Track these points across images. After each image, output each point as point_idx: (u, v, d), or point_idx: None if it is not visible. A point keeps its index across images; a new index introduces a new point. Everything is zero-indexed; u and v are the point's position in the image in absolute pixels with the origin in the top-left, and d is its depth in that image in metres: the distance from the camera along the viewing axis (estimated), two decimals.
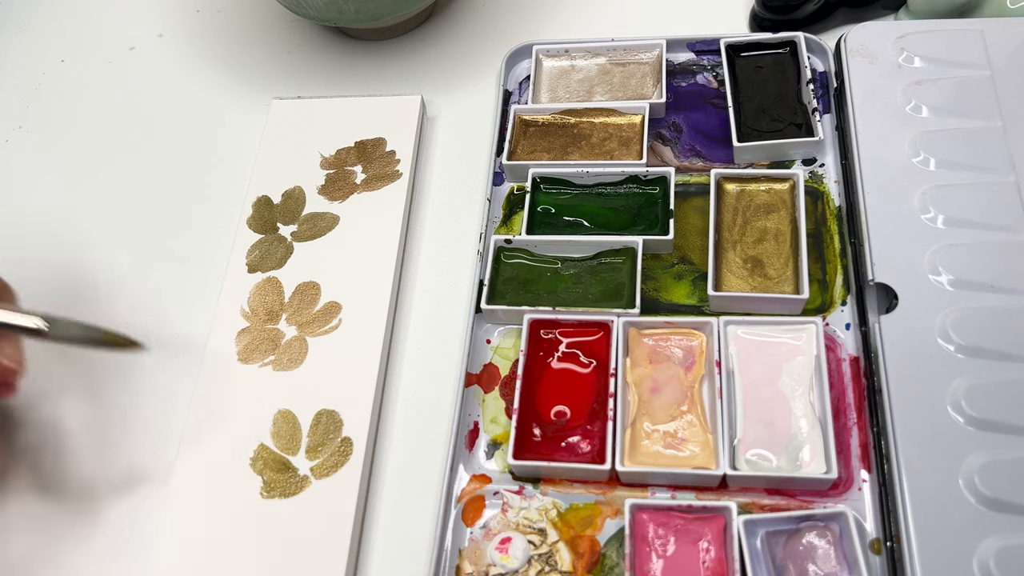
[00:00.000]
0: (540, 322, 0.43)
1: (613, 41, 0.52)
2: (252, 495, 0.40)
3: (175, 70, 0.59)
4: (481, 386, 0.43)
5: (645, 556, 0.37)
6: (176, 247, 0.51)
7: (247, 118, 0.56)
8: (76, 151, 0.56)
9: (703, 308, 0.43)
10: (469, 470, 0.41)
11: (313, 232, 0.48)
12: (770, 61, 0.50)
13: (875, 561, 0.36)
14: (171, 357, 0.47)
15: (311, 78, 0.57)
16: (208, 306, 0.47)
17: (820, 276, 0.43)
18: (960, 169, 0.42)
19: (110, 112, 0.58)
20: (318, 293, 0.46)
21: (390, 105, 0.53)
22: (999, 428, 0.36)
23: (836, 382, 0.40)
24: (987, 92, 0.44)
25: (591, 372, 0.42)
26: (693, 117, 0.50)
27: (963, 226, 0.41)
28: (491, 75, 0.55)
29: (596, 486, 0.39)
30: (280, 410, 0.43)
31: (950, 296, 0.39)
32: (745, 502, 0.38)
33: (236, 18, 0.61)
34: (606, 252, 0.45)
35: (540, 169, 0.48)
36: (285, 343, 0.45)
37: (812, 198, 0.46)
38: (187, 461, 0.42)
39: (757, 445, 0.39)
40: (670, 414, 0.40)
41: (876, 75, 0.46)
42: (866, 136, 0.44)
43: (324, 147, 0.52)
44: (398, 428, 0.43)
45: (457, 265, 0.48)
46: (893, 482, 0.36)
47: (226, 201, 0.52)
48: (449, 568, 0.38)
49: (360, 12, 0.51)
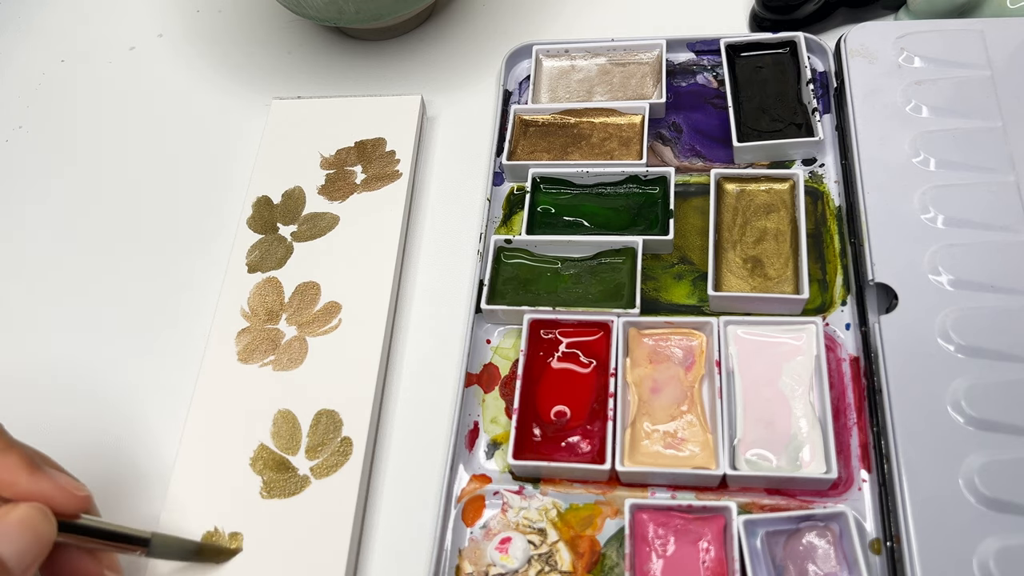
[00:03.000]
0: (540, 322, 0.43)
1: (613, 41, 0.52)
2: (252, 495, 0.40)
3: (175, 70, 0.59)
4: (481, 386, 0.43)
5: (645, 556, 0.37)
6: (176, 247, 0.51)
7: (247, 118, 0.56)
8: (76, 151, 0.56)
9: (703, 308, 0.43)
10: (469, 470, 0.41)
11: (313, 232, 0.48)
12: (770, 61, 0.50)
13: (875, 561, 0.36)
14: (171, 357, 0.47)
15: (311, 78, 0.57)
16: (208, 306, 0.47)
17: (820, 276, 0.43)
18: (960, 169, 0.42)
19: (110, 112, 0.58)
20: (318, 293, 0.46)
21: (390, 105, 0.53)
22: (999, 428, 0.36)
23: (836, 382, 0.40)
24: (987, 92, 0.44)
25: (591, 372, 0.42)
26: (693, 117, 0.50)
27: (963, 226, 0.41)
28: (491, 75, 0.55)
29: (596, 486, 0.39)
30: (280, 410, 0.43)
31: (950, 296, 0.39)
32: (745, 502, 0.38)
33: (236, 18, 0.61)
34: (606, 252, 0.45)
35: (540, 169, 0.48)
36: (285, 343, 0.45)
37: (812, 198, 0.46)
38: (187, 461, 0.42)
39: (757, 445, 0.39)
40: (670, 414, 0.40)
41: (876, 75, 0.46)
42: (866, 136, 0.44)
43: (324, 147, 0.52)
44: (398, 428, 0.43)
45: (457, 265, 0.48)
46: (893, 482, 0.36)
47: (226, 201, 0.52)
48: (449, 568, 0.38)
49: (360, 12, 0.51)
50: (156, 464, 0.43)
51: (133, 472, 0.43)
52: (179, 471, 0.42)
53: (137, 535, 0.35)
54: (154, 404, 0.45)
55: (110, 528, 0.34)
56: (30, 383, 0.47)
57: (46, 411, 0.46)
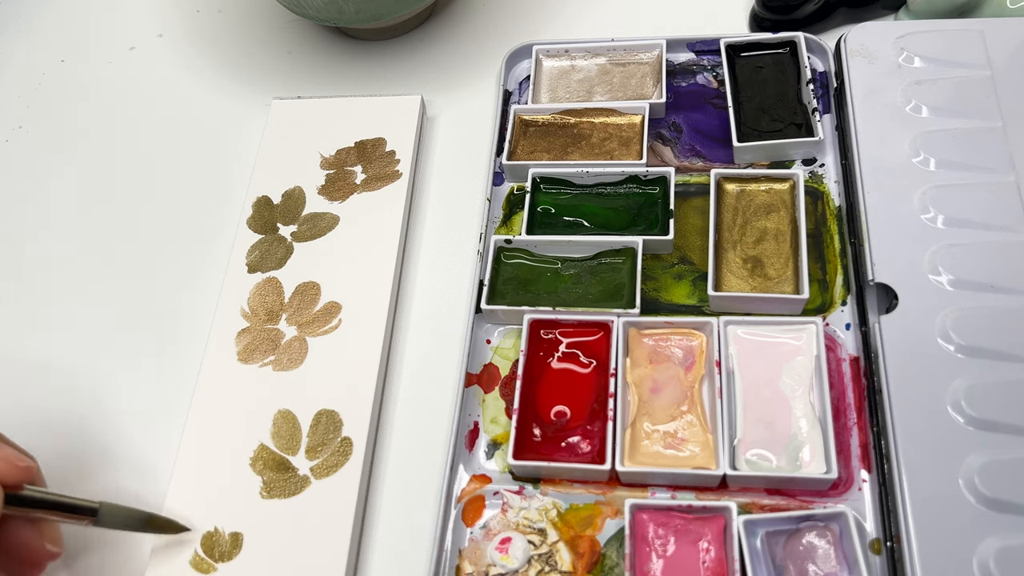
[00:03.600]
0: (540, 322, 0.43)
1: (613, 41, 0.52)
2: (252, 495, 0.40)
3: (175, 70, 0.59)
4: (481, 386, 0.43)
5: (645, 556, 0.37)
6: (176, 247, 0.51)
7: (247, 118, 0.56)
8: (76, 151, 0.56)
9: (703, 308, 0.43)
10: (469, 470, 0.41)
11: (313, 232, 0.48)
12: (770, 61, 0.50)
13: (875, 561, 0.36)
14: (171, 357, 0.47)
15: (311, 78, 0.57)
16: (208, 306, 0.47)
17: (820, 276, 0.43)
18: (960, 169, 0.42)
19: (110, 112, 0.58)
20: (318, 293, 0.46)
21: (390, 105, 0.53)
22: (999, 428, 0.36)
23: (836, 382, 0.40)
24: (987, 92, 0.44)
25: (591, 372, 0.42)
26: (693, 117, 0.50)
27: (963, 226, 0.41)
28: (491, 75, 0.55)
29: (596, 486, 0.39)
30: (280, 410, 0.43)
31: (950, 296, 0.39)
32: (745, 502, 0.38)
33: (236, 18, 0.61)
34: (606, 252, 0.45)
35: (540, 169, 0.48)
36: (285, 343, 0.45)
37: (812, 198, 0.46)
38: (187, 461, 0.42)
39: (757, 445, 0.39)
40: (670, 414, 0.40)
41: (876, 75, 0.46)
42: (866, 136, 0.44)
43: (324, 147, 0.52)
44: (398, 428, 0.43)
45: (457, 265, 0.48)
46: (893, 482, 0.36)
47: (226, 201, 0.52)
48: (449, 568, 0.38)
49: (360, 12, 0.51)
50: (156, 464, 0.43)
51: (133, 472, 0.43)
52: (179, 471, 0.42)
53: (85, 505, 0.35)
54: (154, 404, 0.45)
55: (56, 499, 0.34)
56: (29, 383, 0.47)
57: (45, 411, 0.46)
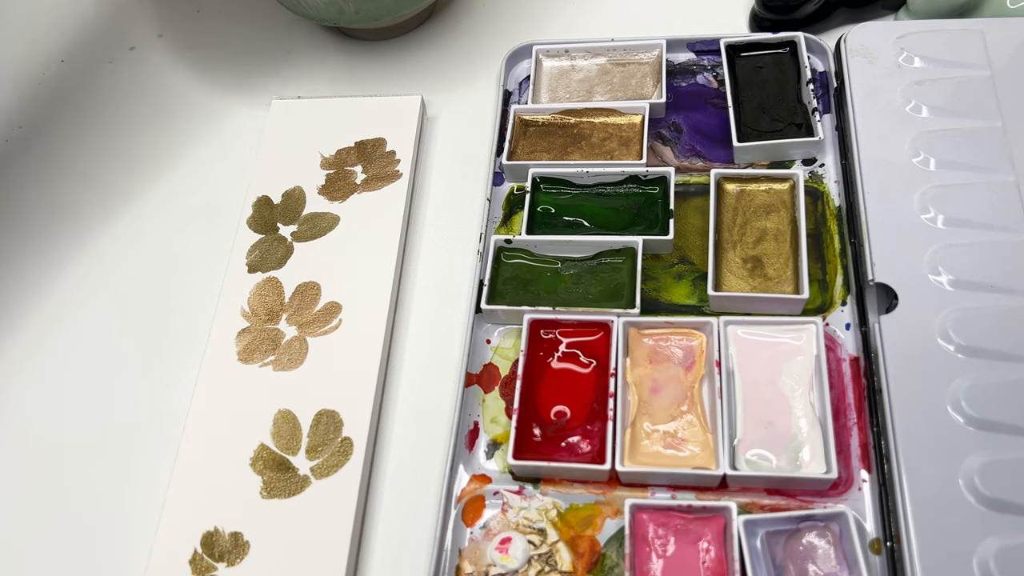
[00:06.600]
0: (540, 322, 0.43)
1: (613, 41, 0.52)
2: (252, 495, 0.40)
3: (175, 70, 0.59)
4: (481, 386, 0.43)
5: (645, 556, 0.37)
6: (176, 247, 0.51)
7: (247, 118, 0.56)
8: (76, 151, 0.56)
9: (703, 308, 0.43)
10: (469, 470, 0.41)
11: (313, 232, 0.48)
12: (770, 61, 0.50)
13: (875, 561, 0.36)
14: (171, 356, 0.47)
15: (311, 78, 0.57)
16: (208, 306, 0.47)
17: (820, 276, 0.43)
18: (960, 169, 0.42)
19: (110, 112, 0.58)
20: (318, 293, 0.46)
21: (390, 105, 0.53)
22: (999, 428, 0.36)
23: (836, 382, 0.40)
24: (987, 92, 0.44)
25: (591, 372, 0.42)
26: (693, 117, 0.50)
27: (963, 226, 0.41)
28: (491, 75, 0.55)
29: (596, 486, 0.39)
30: (280, 410, 0.43)
31: (950, 296, 0.39)
32: (745, 502, 0.38)
33: (236, 18, 0.61)
34: (606, 252, 0.45)
35: (540, 169, 0.48)
36: (285, 343, 0.45)
37: (812, 198, 0.46)
38: (187, 461, 0.42)
39: (757, 445, 0.39)
40: (670, 414, 0.40)
41: (876, 75, 0.46)
42: (866, 136, 0.44)
43: (324, 147, 0.52)
44: (398, 428, 0.43)
45: (457, 265, 0.48)
46: (893, 482, 0.36)
47: (226, 201, 0.52)
48: (449, 568, 0.38)
49: (360, 12, 0.51)
50: (156, 464, 0.43)
51: (133, 472, 0.43)
52: (179, 471, 0.42)
53: None
54: (154, 404, 0.45)
55: None
56: (28, 382, 0.47)
57: (45, 410, 0.46)
